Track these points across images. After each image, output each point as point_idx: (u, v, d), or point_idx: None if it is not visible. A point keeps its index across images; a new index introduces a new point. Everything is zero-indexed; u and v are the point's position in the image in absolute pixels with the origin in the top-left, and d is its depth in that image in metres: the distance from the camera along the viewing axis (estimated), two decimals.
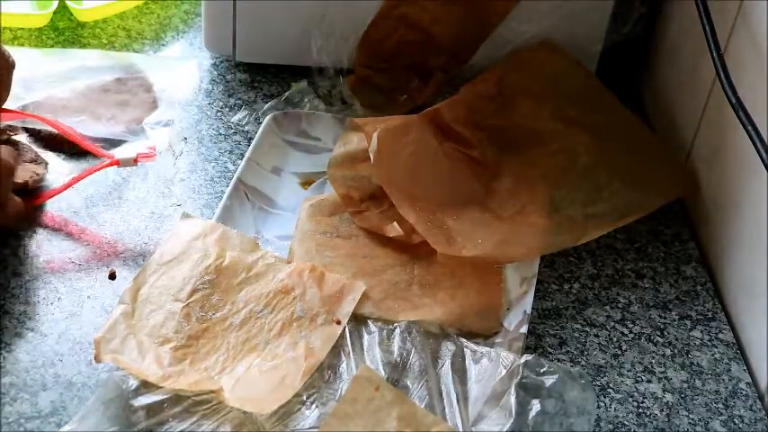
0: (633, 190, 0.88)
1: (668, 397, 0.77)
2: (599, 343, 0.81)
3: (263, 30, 1.00)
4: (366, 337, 0.76)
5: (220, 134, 0.96)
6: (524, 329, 0.77)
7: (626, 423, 0.75)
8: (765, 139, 0.75)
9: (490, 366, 0.74)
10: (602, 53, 1.03)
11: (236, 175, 0.88)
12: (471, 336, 0.78)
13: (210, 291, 0.77)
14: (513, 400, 0.72)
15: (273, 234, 0.86)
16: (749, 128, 0.76)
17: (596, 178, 0.89)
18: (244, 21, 1.00)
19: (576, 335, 0.81)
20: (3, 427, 0.69)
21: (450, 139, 0.91)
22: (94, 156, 0.88)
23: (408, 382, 0.73)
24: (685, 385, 0.78)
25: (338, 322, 0.76)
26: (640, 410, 0.76)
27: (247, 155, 0.90)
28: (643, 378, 0.78)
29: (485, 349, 0.75)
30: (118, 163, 0.86)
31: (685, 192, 0.93)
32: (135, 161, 0.86)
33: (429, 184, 0.87)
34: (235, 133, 0.97)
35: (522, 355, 0.74)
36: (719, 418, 0.76)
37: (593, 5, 1.00)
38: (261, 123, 0.94)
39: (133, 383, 0.70)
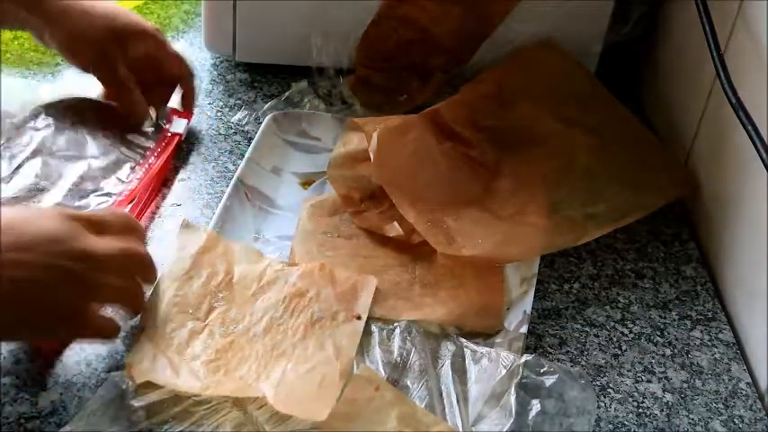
0: (633, 190, 0.88)
1: (668, 397, 0.77)
2: (599, 343, 0.81)
3: (263, 30, 1.00)
4: (366, 337, 0.76)
5: (220, 134, 0.96)
6: (524, 329, 0.77)
7: (626, 423, 0.75)
8: (765, 139, 0.75)
9: (490, 366, 0.74)
10: (602, 53, 1.03)
11: (236, 175, 0.88)
12: (472, 335, 0.78)
13: (227, 306, 0.76)
14: (513, 400, 0.72)
15: (273, 234, 0.86)
16: (749, 128, 0.76)
17: (596, 179, 0.89)
18: (244, 21, 1.00)
19: (576, 335, 0.81)
20: (3, 427, 0.69)
21: (449, 138, 0.91)
22: None
23: (408, 382, 0.73)
24: (685, 385, 0.78)
25: (358, 317, 0.76)
26: (640, 410, 0.76)
27: (247, 155, 0.90)
28: (643, 378, 0.78)
29: (485, 349, 0.75)
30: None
31: (685, 192, 0.93)
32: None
33: (429, 183, 0.87)
34: (235, 133, 0.97)
35: (522, 355, 0.74)
36: (719, 418, 0.76)
37: (593, 5, 1.00)
38: (261, 123, 0.94)
39: (133, 383, 0.70)
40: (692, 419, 0.76)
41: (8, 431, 0.69)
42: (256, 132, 0.93)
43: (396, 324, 0.77)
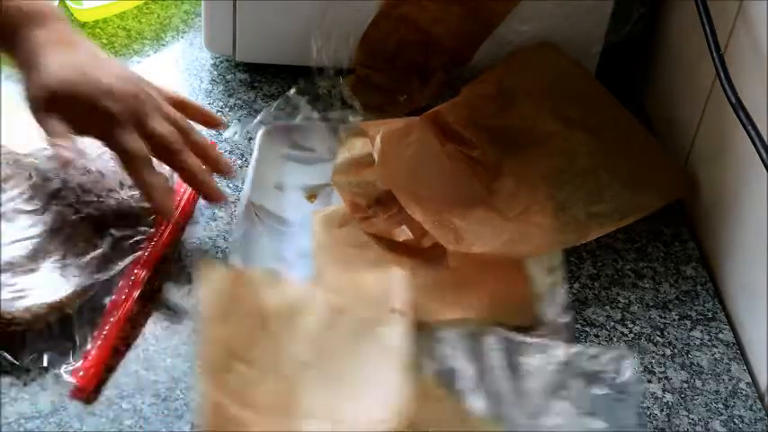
0: (633, 191, 0.88)
1: (668, 397, 0.77)
2: (599, 343, 0.81)
3: (263, 30, 1.00)
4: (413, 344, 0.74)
5: (220, 134, 0.96)
6: (566, 319, 0.78)
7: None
8: (765, 139, 0.75)
9: (542, 358, 0.74)
10: (602, 53, 1.03)
11: (243, 198, 0.86)
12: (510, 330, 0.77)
13: (271, 341, 0.73)
14: (569, 389, 0.71)
15: (293, 253, 0.84)
16: (749, 128, 0.76)
17: (596, 179, 0.89)
18: (244, 21, 0.99)
19: (577, 335, 0.81)
20: (3, 428, 0.69)
21: (451, 139, 0.91)
22: None
23: (462, 386, 0.72)
24: (685, 385, 0.78)
25: (403, 313, 0.74)
26: (640, 410, 0.76)
27: (250, 174, 0.88)
28: (643, 378, 0.78)
29: (534, 340, 0.75)
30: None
31: (683, 194, 0.93)
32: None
33: (433, 184, 0.87)
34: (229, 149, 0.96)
35: (570, 344, 0.74)
36: (719, 418, 0.76)
37: (593, 5, 1.00)
38: (252, 139, 0.93)
39: None
40: (692, 419, 0.76)
41: (8, 431, 0.69)
42: (250, 146, 0.92)
43: (436, 328, 0.76)
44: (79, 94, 0.78)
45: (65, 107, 0.78)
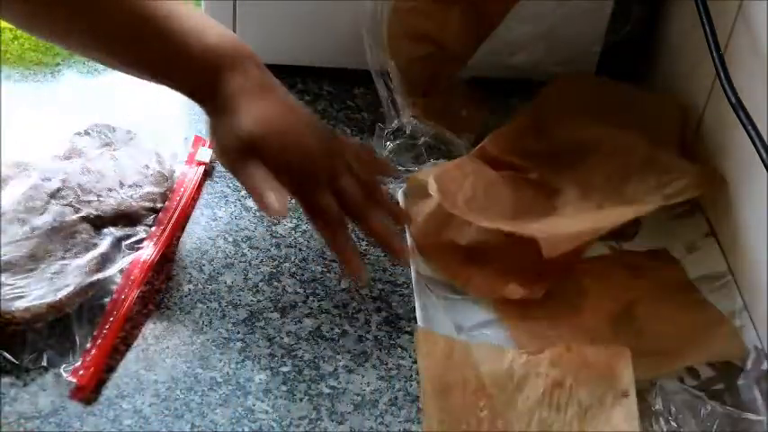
0: (696, 166, 0.88)
1: None
2: None
3: (263, 30, 1.00)
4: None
5: None
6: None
7: None
8: (765, 139, 0.75)
9: None
10: (602, 53, 1.03)
11: (412, 270, 0.83)
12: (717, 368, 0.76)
13: (491, 416, 0.71)
14: None
15: (471, 323, 0.80)
16: (749, 128, 0.76)
17: (660, 164, 0.88)
18: (244, 21, 0.99)
19: None
20: (3, 427, 0.69)
21: (504, 168, 0.90)
22: None
23: None
24: None
25: (626, 395, 0.71)
26: None
27: (408, 241, 0.85)
28: None
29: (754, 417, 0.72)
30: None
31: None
32: None
33: (497, 206, 0.86)
34: None
35: None
36: None
37: (593, 5, 1.00)
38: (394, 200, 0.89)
39: None
40: None
41: (8, 431, 0.69)
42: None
43: (654, 389, 0.73)
44: (274, 150, 0.76)
45: (256, 161, 0.76)
